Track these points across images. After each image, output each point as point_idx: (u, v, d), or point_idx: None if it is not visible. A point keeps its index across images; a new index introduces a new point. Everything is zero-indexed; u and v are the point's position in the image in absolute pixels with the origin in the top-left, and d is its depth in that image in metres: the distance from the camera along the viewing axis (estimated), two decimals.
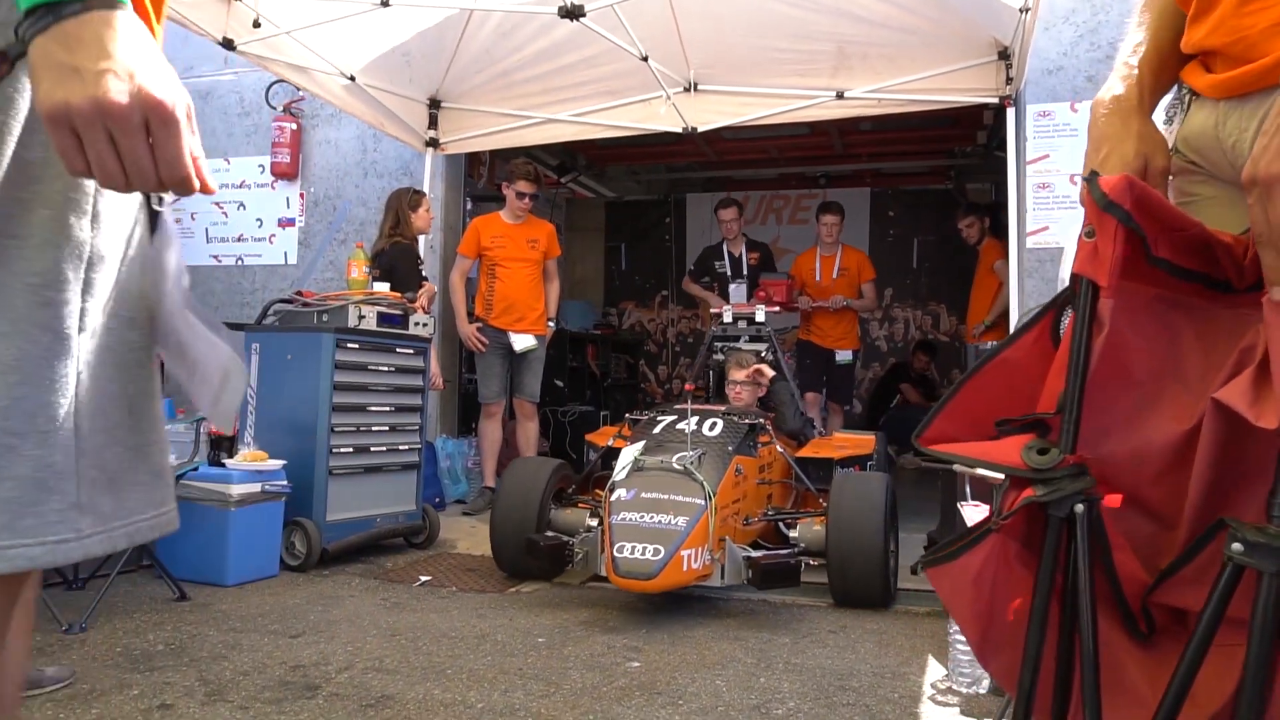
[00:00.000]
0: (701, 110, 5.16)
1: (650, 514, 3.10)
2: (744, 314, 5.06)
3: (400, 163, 6.01)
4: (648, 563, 2.95)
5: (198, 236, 6.44)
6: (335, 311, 4.07)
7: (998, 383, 1.09)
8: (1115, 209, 1.02)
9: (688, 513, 3.11)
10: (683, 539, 3.01)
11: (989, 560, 0.99)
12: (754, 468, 3.73)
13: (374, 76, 5.03)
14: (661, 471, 3.30)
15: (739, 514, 3.48)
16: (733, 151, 8.09)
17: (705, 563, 3.11)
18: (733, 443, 3.59)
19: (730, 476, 3.40)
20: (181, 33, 6.30)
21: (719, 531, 3.21)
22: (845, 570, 3.32)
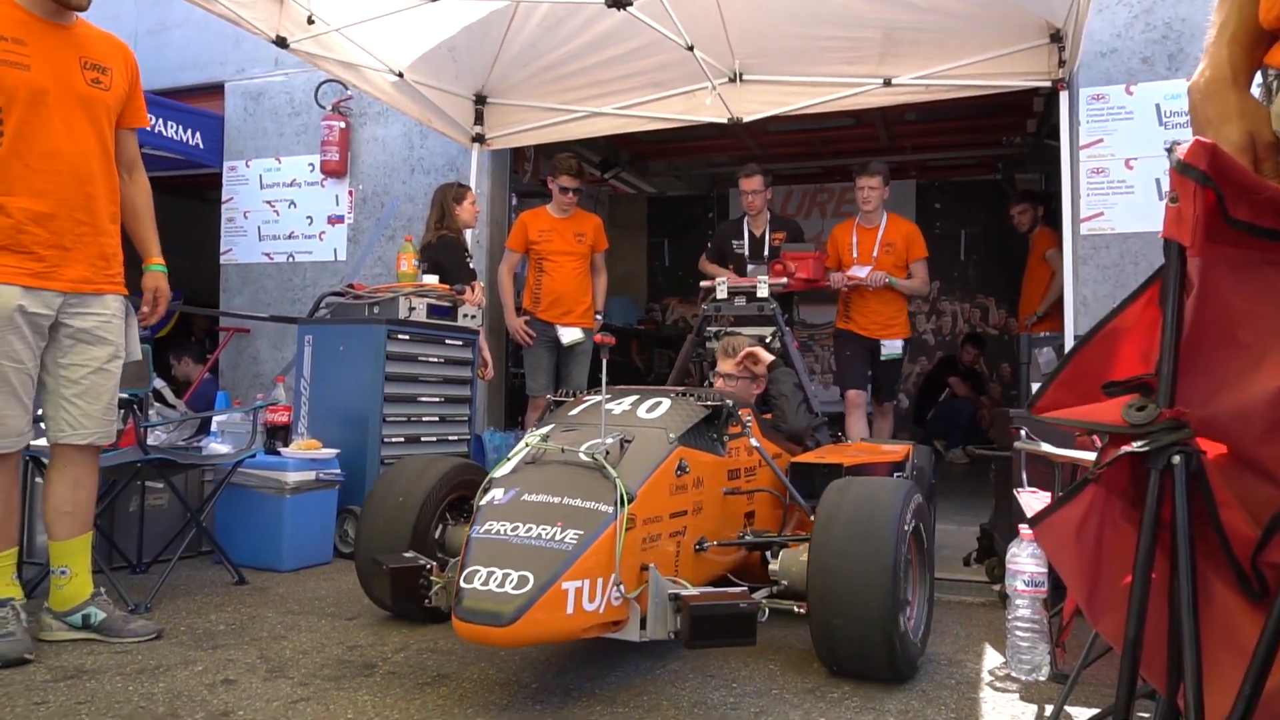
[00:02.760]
0: (746, 100, 5.14)
1: (528, 525, 2.10)
2: (742, 289, 4.11)
3: (446, 159, 6.07)
4: (504, 599, 1.93)
5: (250, 235, 6.58)
6: (386, 303, 4.14)
7: (1106, 351, 1.12)
8: (1192, 171, 1.05)
9: (583, 524, 2.09)
10: (568, 564, 2.00)
11: (1090, 512, 1.00)
12: (716, 470, 2.69)
13: (421, 73, 5.09)
14: (561, 465, 2.30)
15: (686, 532, 2.47)
16: (776, 144, 8.04)
17: (612, 602, 2.09)
18: (678, 430, 2.54)
19: (665, 476, 2.38)
20: (233, 35, 6.48)
21: (637, 555, 2.20)
22: (831, 623, 2.29)
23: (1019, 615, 2.46)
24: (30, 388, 2.55)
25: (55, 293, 2.55)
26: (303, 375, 4.11)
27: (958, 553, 3.90)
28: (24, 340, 2.50)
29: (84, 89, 2.60)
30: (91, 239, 2.61)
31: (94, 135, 2.63)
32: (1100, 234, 4.74)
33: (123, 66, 2.74)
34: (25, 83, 2.47)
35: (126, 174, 2.84)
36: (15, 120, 2.46)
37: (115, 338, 2.70)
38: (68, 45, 2.59)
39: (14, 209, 2.47)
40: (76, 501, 2.69)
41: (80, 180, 2.57)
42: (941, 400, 8.21)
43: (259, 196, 6.57)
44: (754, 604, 2.12)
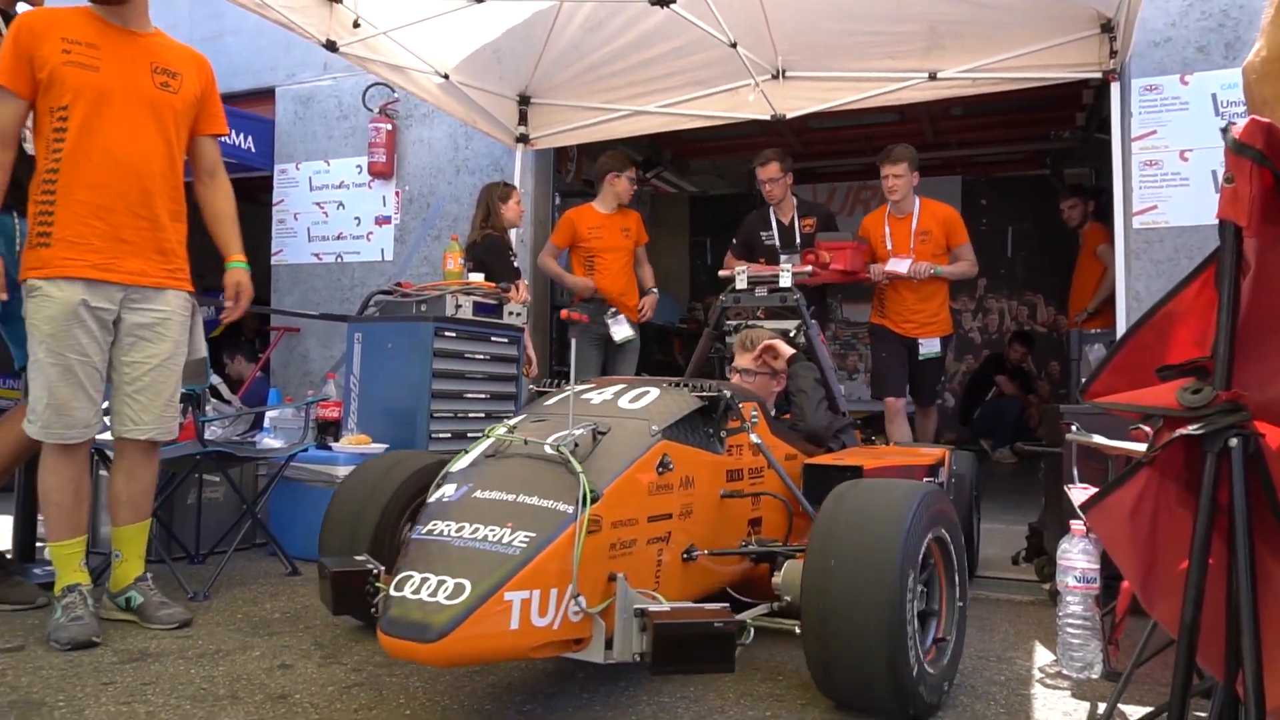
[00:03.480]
0: (789, 97, 5.12)
1: (474, 526, 1.83)
2: (763, 278, 3.81)
3: (491, 159, 6.14)
4: (435, 610, 1.67)
5: (300, 236, 6.72)
6: (433, 301, 4.20)
7: (1161, 335, 1.11)
8: (1248, 150, 1.04)
9: (537, 526, 1.82)
10: (514, 571, 1.74)
11: (1145, 496, 0.99)
12: (712, 470, 2.37)
13: (466, 74, 5.16)
14: (524, 459, 2.04)
15: (670, 539, 2.15)
16: (819, 141, 8.00)
17: (570, 617, 1.81)
18: (664, 421, 2.23)
19: (643, 473, 2.08)
20: (284, 41, 6.62)
21: (604, 563, 1.92)
22: (828, 650, 1.97)
23: (1070, 612, 2.43)
24: (98, 381, 2.64)
25: (115, 285, 2.63)
26: (352, 372, 4.19)
27: (1006, 551, 3.86)
28: (89, 334, 2.59)
29: (151, 91, 2.69)
30: (150, 234, 2.69)
31: (158, 135, 2.71)
32: (1154, 228, 4.64)
33: (195, 74, 2.83)
34: (91, 83, 2.58)
35: (208, 177, 2.95)
36: (80, 118, 2.57)
37: (175, 334, 2.77)
38: (140, 51, 2.69)
39: (75, 202, 2.57)
40: (132, 492, 2.79)
41: (139, 177, 2.65)
42: (988, 399, 8.09)
43: (308, 198, 6.70)
44: (732, 624, 1.77)
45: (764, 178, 5.01)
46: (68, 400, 2.57)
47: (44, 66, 2.55)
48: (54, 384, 2.56)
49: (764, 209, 5.20)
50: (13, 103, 2.57)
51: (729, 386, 2.63)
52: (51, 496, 2.63)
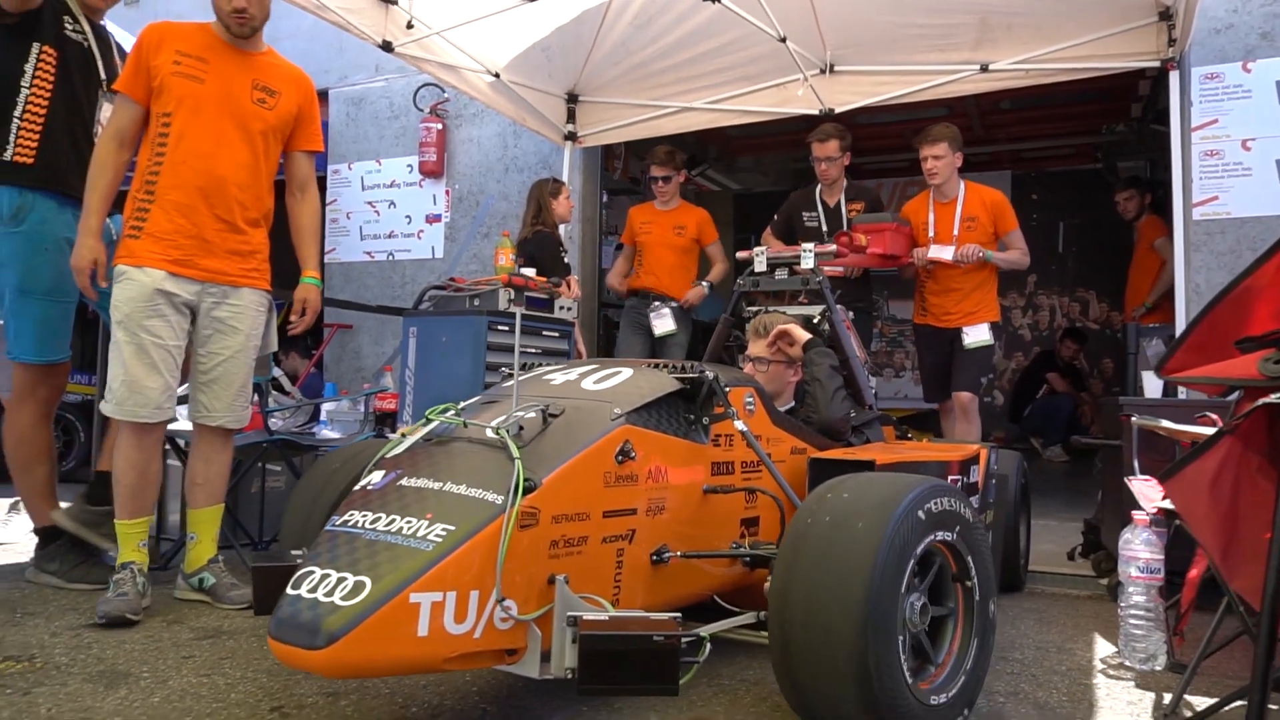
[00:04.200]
0: (838, 91, 5.10)
1: (390, 517, 1.65)
2: (783, 259, 3.44)
3: (539, 157, 6.21)
4: (328, 612, 1.47)
5: (352, 235, 6.86)
6: (486, 296, 4.27)
7: (1239, 310, 1.11)
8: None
9: (459, 518, 1.62)
10: (424, 570, 1.53)
11: (1226, 465, 0.99)
12: (691, 460, 2.12)
13: (516, 73, 5.22)
14: (465, 444, 1.84)
15: (634, 538, 1.92)
16: (866, 137, 7.94)
17: (497, 624, 1.61)
18: (629, 405, 1.98)
19: (597, 461, 1.85)
20: (336, 43, 6.77)
21: (543, 563, 1.70)
22: (793, 662, 1.69)
23: (1133, 603, 2.41)
24: (172, 365, 2.75)
25: (193, 280, 2.75)
26: (407, 365, 4.27)
27: (1060, 548, 3.81)
28: (164, 319, 2.71)
29: (247, 105, 2.83)
30: (229, 235, 2.81)
31: (245, 147, 2.84)
32: (1215, 219, 4.55)
33: (295, 93, 2.96)
34: (194, 93, 2.74)
35: (299, 191, 3.08)
36: (179, 123, 2.73)
37: (247, 329, 2.89)
38: (245, 68, 2.84)
39: (167, 201, 2.72)
40: (207, 476, 2.91)
41: (223, 183, 2.78)
42: (1039, 397, 7.97)
43: (361, 198, 6.84)
44: (674, 638, 1.53)
45: (821, 155, 4.70)
46: (140, 378, 2.68)
47: (157, 75, 2.72)
48: (128, 362, 2.68)
49: (809, 188, 4.89)
50: (131, 108, 2.75)
51: (717, 369, 2.33)
52: (121, 476, 2.74)
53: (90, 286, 2.70)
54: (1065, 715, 2.03)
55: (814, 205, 4.85)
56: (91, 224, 2.69)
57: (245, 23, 2.78)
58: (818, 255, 3.37)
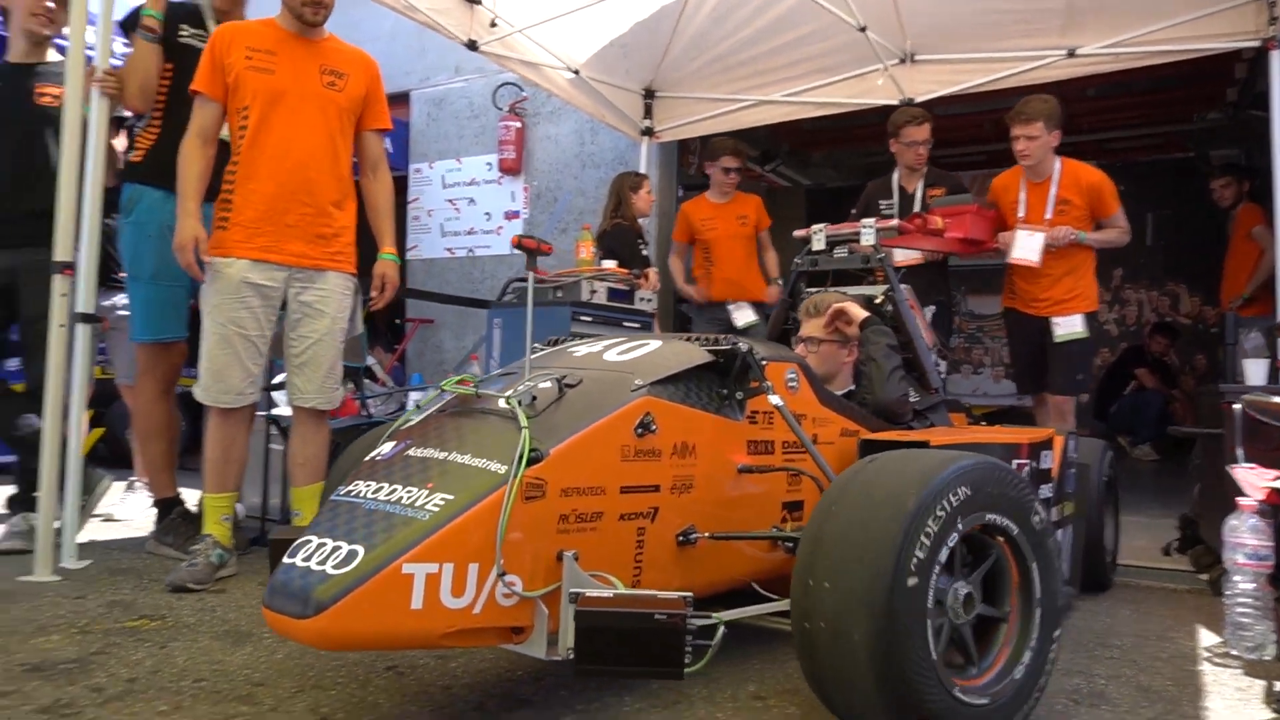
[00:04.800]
0: (919, 81, 5.05)
1: (393, 486, 1.61)
2: (843, 237, 3.18)
3: (616, 153, 6.29)
4: (319, 581, 1.43)
5: (434, 232, 7.05)
6: (569, 287, 4.35)
7: None
8: None
9: (459, 488, 1.57)
10: (419, 539, 1.49)
11: None
12: (723, 437, 2.01)
13: (595, 69, 5.31)
14: (477, 415, 1.78)
15: (657, 517, 1.83)
16: (944, 128, 7.74)
17: (499, 600, 1.56)
18: (652, 375, 1.89)
19: (613, 433, 1.77)
20: (417, 47, 6.96)
21: (551, 539, 1.64)
22: (814, 652, 1.54)
23: (1240, 590, 2.35)
24: (255, 354, 2.88)
25: (278, 266, 2.86)
26: (492, 355, 4.38)
27: (1154, 544, 3.70)
28: (249, 309, 2.83)
29: (319, 90, 2.92)
30: (312, 219, 2.91)
31: (323, 130, 2.93)
32: None
33: (362, 74, 3.04)
34: (268, 85, 2.84)
35: (371, 171, 3.16)
36: (256, 117, 2.83)
37: (333, 311, 2.98)
38: (312, 55, 2.93)
39: (249, 191, 2.83)
40: (306, 455, 3.04)
41: (304, 168, 2.88)
42: (1126, 393, 7.73)
43: (441, 195, 7.02)
44: (677, 617, 1.45)
45: (919, 138, 4.42)
46: (224, 367, 2.82)
47: (231, 72, 2.84)
48: (213, 351, 2.82)
49: (886, 176, 4.66)
50: (210, 106, 2.88)
51: (759, 344, 2.21)
52: (208, 454, 2.90)
53: (194, 264, 2.80)
54: (1171, 699, 2.00)
55: (891, 193, 4.60)
56: (189, 207, 2.82)
57: (319, 10, 2.87)
58: (879, 231, 3.12)
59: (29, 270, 3.21)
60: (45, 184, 3.09)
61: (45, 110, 3.33)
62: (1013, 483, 1.70)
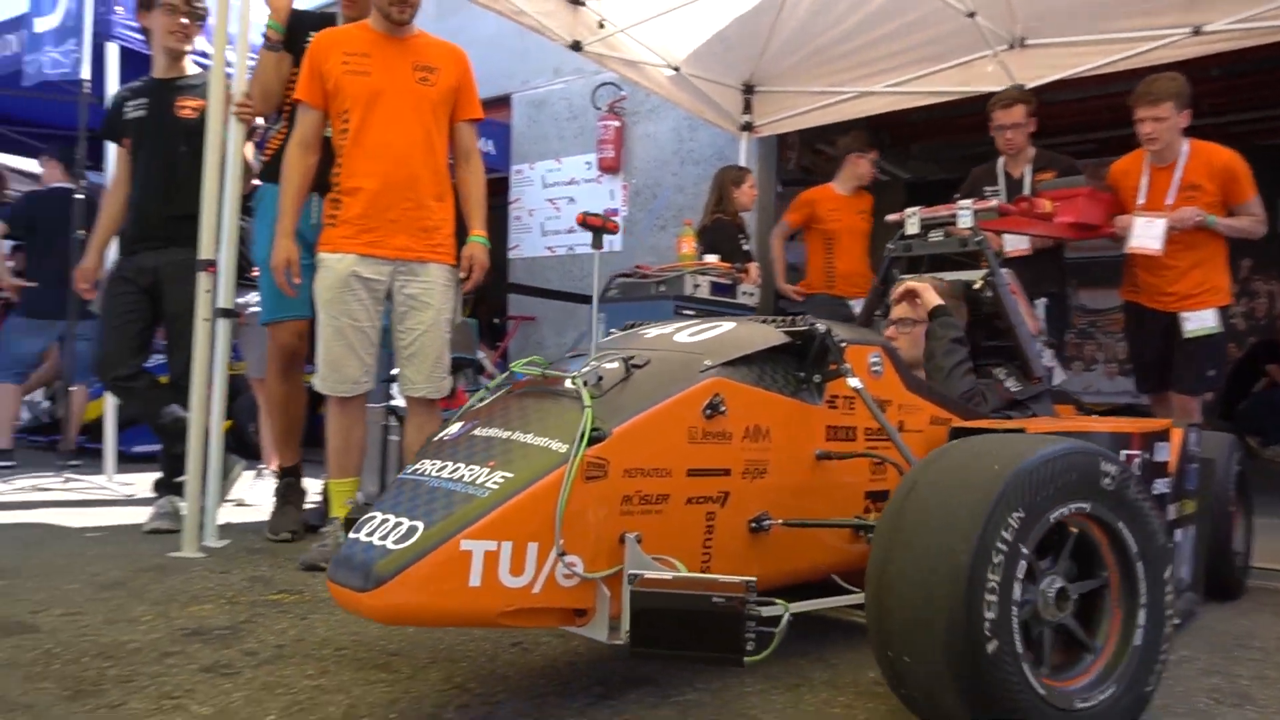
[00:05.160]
0: (1030, 66, 4.88)
1: (457, 464, 1.62)
2: (938, 219, 3.01)
3: (714, 149, 6.31)
4: (379, 555, 1.45)
5: (534, 231, 7.20)
6: (672, 281, 4.40)
7: None
8: None
9: (520, 466, 1.57)
10: (478, 516, 1.49)
11: None
12: (799, 421, 1.94)
13: (695, 66, 5.34)
14: (543, 396, 1.78)
15: (727, 501, 1.79)
16: (1054, 117, 7.49)
17: (559, 581, 1.55)
18: (722, 356, 1.86)
19: (680, 414, 1.72)
20: (518, 51, 7.12)
21: (615, 520, 1.62)
22: (889, 645, 1.47)
23: None
24: (368, 344, 3.00)
25: (384, 260, 2.97)
26: None
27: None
28: (360, 301, 2.95)
29: (413, 87, 3.01)
30: (414, 213, 3.01)
31: (419, 126, 3.02)
32: None
33: (452, 66, 3.11)
34: (365, 87, 2.95)
35: (463, 160, 3.23)
36: (357, 119, 2.95)
37: (438, 302, 3.08)
38: (404, 53, 3.02)
39: (353, 189, 2.95)
40: (420, 443, 3.14)
41: (404, 165, 2.98)
42: (1256, 390, 7.29)
43: (542, 195, 7.17)
44: (737, 600, 1.41)
45: (1005, 122, 4.23)
46: (339, 358, 2.96)
47: (330, 78, 2.96)
48: (329, 343, 2.96)
49: (991, 162, 4.44)
50: (311, 113, 3.01)
51: (842, 326, 2.15)
52: (329, 441, 3.04)
53: (287, 284, 2.97)
54: None
55: (996, 179, 4.37)
56: (284, 225, 2.98)
57: (406, 9, 2.96)
58: (977, 213, 2.91)
59: (172, 269, 3.44)
60: (186, 191, 3.31)
61: (185, 122, 3.56)
62: (1113, 470, 1.56)
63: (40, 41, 4.92)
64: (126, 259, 3.63)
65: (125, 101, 3.67)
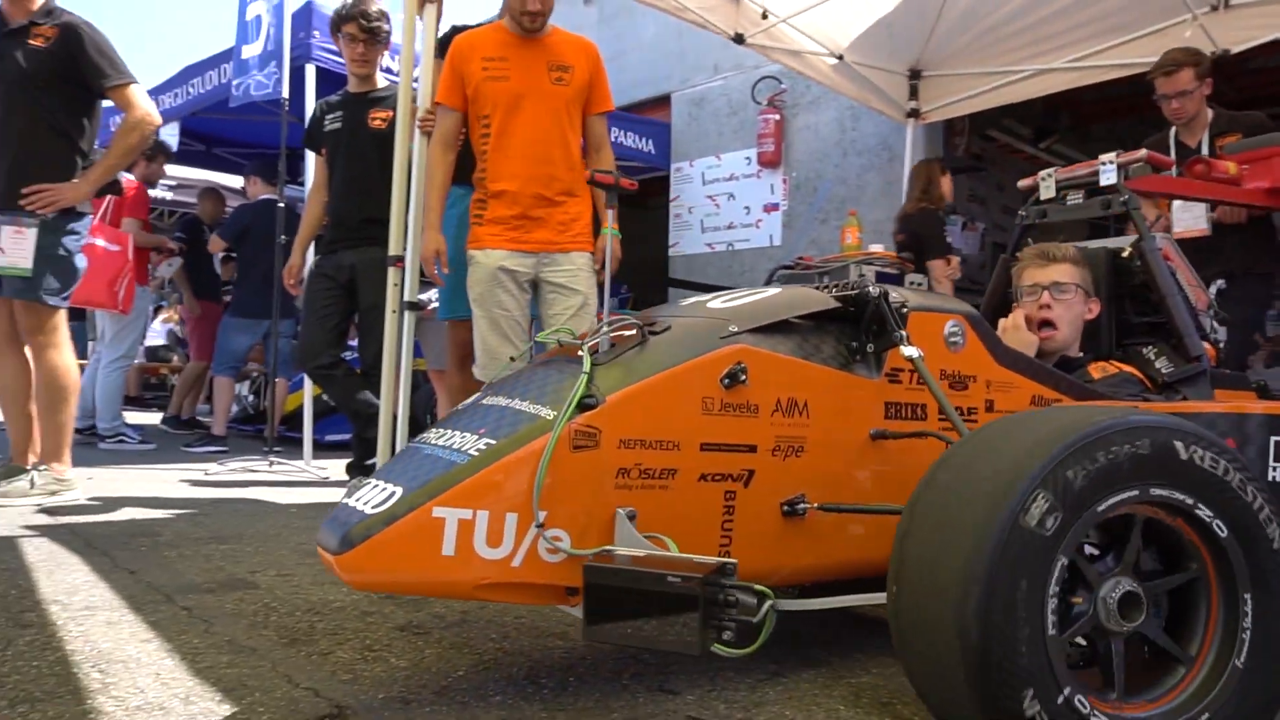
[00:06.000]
0: (1236, 28, 4.46)
1: (454, 432, 1.56)
2: (1076, 178, 2.50)
3: (878, 138, 6.15)
4: (357, 517, 1.42)
5: (694, 228, 7.26)
6: (836, 272, 4.32)
7: None
8: None
9: (505, 432, 1.49)
10: (453, 482, 1.42)
11: None
12: (849, 397, 1.71)
13: (859, 53, 5.23)
14: (555, 364, 1.68)
15: (752, 481, 1.59)
16: (1261, 85, 6.86)
17: (542, 555, 1.44)
18: (753, 321, 1.66)
19: (692, 382, 1.55)
20: (676, 51, 7.22)
21: (607, 494, 1.47)
22: (907, 649, 1.28)
23: None
24: (519, 331, 3.12)
25: (528, 253, 3.10)
26: None
27: None
28: (509, 292, 3.08)
29: (549, 87, 3.11)
30: (552, 209, 3.12)
31: (554, 124, 3.12)
32: None
33: (585, 62, 3.20)
34: (505, 91, 3.07)
35: (594, 152, 3.32)
36: (498, 122, 3.08)
37: (584, 287, 3.16)
38: (539, 54, 3.13)
39: (496, 190, 3.09)
40: None
41: (543, 163, 3.09)
42: None
43: (701, 192, 7.22)
44: (693, 581, 1.25)
45: (1169, 91, 3.82)
46: (495, 347, 3.09)
47: (470, 83, 3.10)
48: (485, 334, 3.10)
49: (1164, 132, 4.04)
50: (451, 116, 3.16)
51: (914, 293, 1.91)
52: None
53: (436, 275, 3.17)
54: None
55: (1168, 149, 3.93)
56: (430, 219, 3.16)
57: (537, 19, 3.06)
58: (1123, 169, 2.40)
59: (365, 266, 3.72)
60: (376, 195, 3.57)
61: (376, 132, 3.84)
62: (1196, 446, 1.27)
63: (246, 66, 5.43)
64: (326, 257, 3.96)
65: (324, 115, 4.00)
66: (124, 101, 3.43)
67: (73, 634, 1.85)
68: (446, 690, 1.61)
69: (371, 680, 1.64)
